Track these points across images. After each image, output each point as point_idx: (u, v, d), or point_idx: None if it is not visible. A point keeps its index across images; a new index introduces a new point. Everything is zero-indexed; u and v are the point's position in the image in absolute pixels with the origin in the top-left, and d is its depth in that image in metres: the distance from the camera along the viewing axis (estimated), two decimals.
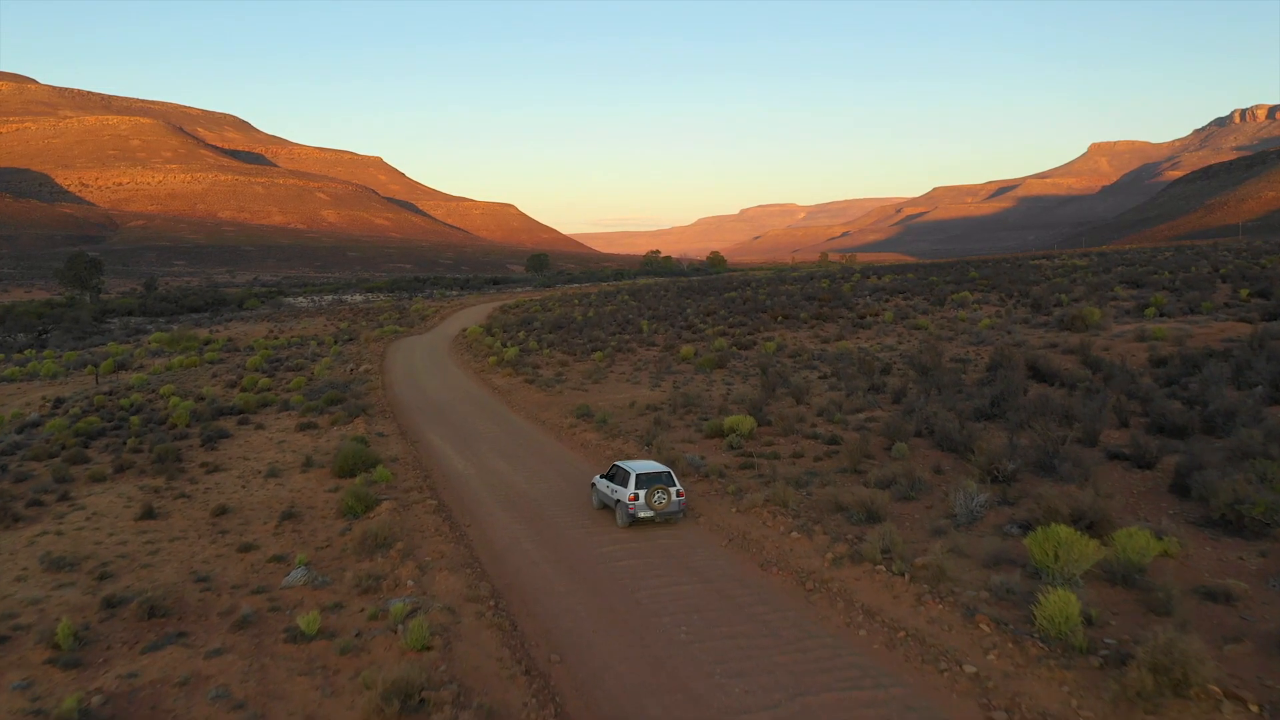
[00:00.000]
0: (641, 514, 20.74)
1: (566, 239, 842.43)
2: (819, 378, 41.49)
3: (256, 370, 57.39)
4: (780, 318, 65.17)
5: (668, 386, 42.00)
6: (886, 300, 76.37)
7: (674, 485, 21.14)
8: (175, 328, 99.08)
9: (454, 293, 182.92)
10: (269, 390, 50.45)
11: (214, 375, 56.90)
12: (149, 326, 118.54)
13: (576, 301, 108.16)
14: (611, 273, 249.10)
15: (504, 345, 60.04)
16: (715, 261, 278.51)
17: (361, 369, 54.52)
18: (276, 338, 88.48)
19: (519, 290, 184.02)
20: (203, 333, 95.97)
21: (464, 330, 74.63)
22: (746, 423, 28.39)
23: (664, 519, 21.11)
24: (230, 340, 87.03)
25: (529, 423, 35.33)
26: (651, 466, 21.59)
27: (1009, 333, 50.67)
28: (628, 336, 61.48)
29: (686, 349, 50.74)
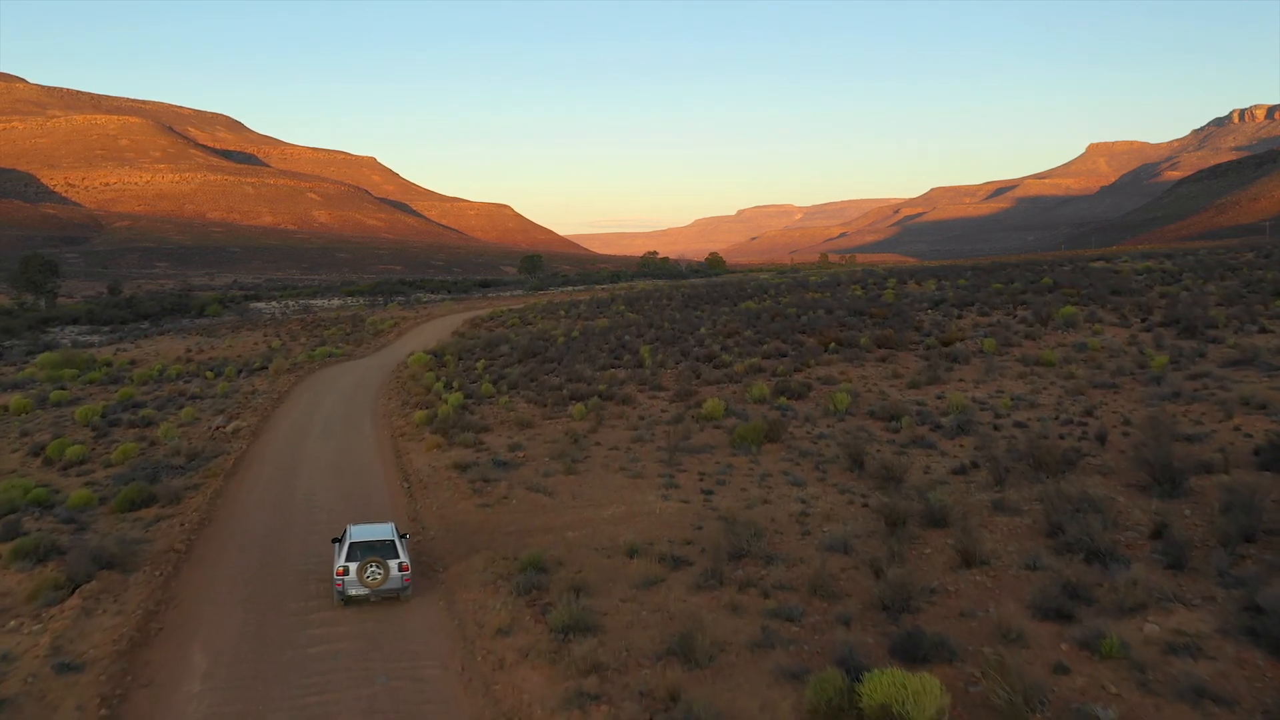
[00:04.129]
0: (353, 591, 17.23)
1: (563, 240, 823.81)
2: (953, 472, 24.04)
3: (86, 424, 39.89)
4: (832, 344, 47.69)
5: (690, 485, 24.50)
6: (958, 316, 58.89)
7: (396, 557, 17.45)
8: (63, 348, 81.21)
9: (437, 297, 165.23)
10: (77, 464, 33.14)
11: (25, 434, 39.39)
12: (63, 341, 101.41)
13: (563, 312, 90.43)
14: (608, 275, 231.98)
15: (447, 387, 42.43)
16: (714, 263, 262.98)
17: (230, 426, 36.96)
18: (191, 359, 71.14)
19: (507, 295, 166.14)
20: (104, 352, 78.37)
21: (409, 356, 56.96)
22: (924, 706, 10.92)
23: (380, 597, 17.29)
24: (131, 363, 69.66)
25: (430, 603, 17.72)
26: (374, 532, 18.03)
27: (1208, 376, 33.22)
28: (623, 373, 43.90)
29: (712, 404, 33.14)
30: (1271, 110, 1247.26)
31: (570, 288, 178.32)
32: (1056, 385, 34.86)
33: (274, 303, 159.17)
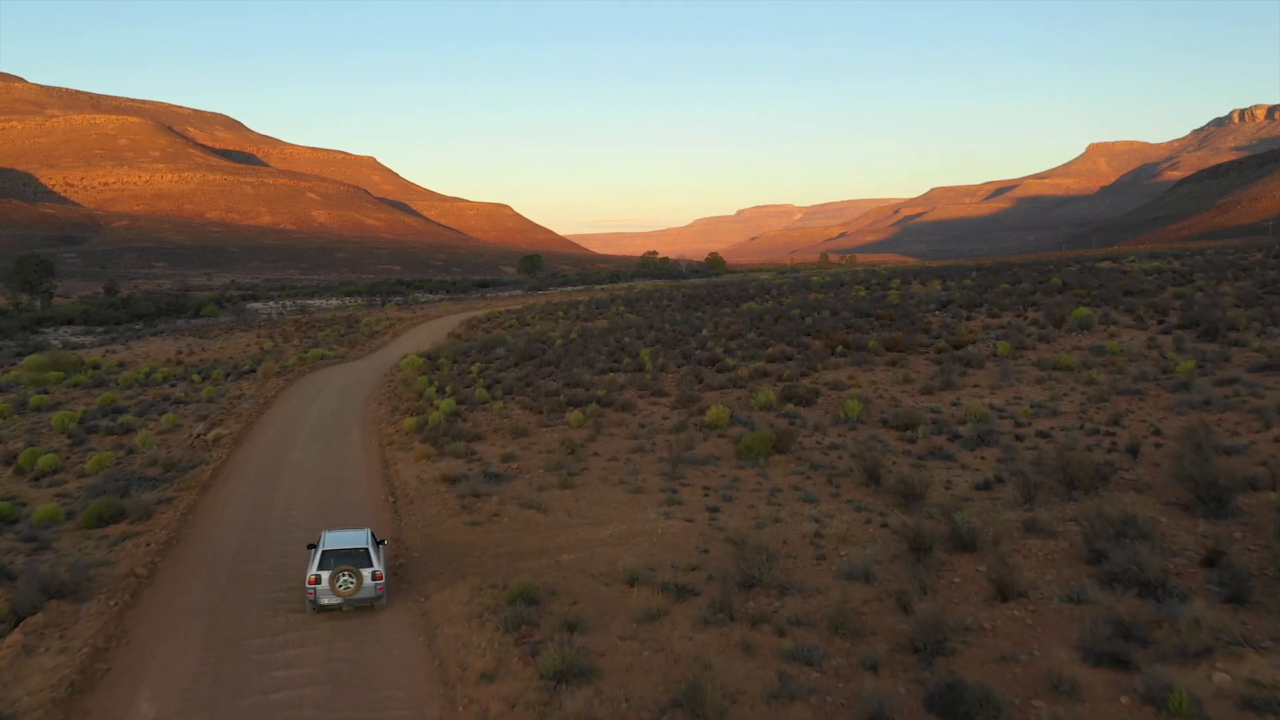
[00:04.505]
0: (325, 601, 16.71)
1: (562, 240, 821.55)
2: (977, 488, 22.43)
3: (63, 431, 38.28)
4: (839, 347, 46.07)
5: (695, 501, 22.89)
6: (967, 318, 57.29)
7: (370, 565, 16.90)
8: (52, 349, 79.55)
9: (435, 297, 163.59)
10: (49, 474, 31.55)
11: None
12: (54, 342, 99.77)
13: (561, 313, 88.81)
14: (607, 275, 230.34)
15: (439, 392, 40.80)
16: (714, 263, 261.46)
17: (211, 434, 35.35)
18: (181, 362, 69.57)
19: (505, 295, 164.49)
20: (94, 354, 76.77)
21: (402, 359, 55.27)
22: None
23: (353, 607, 16.77)
24: (120, 365, 68.06)
25: (409, 636, 16.09)
26: (347, 540, 17.45)
27: (1237, 382, 31.61)
28: (622, 377, 42.30)
29: (716, 411, 31.56)
30: (1271, 110, 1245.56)
31: (569, 288, 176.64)
32: (1077, 391, 33.27)
33: (271, 303, 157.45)
